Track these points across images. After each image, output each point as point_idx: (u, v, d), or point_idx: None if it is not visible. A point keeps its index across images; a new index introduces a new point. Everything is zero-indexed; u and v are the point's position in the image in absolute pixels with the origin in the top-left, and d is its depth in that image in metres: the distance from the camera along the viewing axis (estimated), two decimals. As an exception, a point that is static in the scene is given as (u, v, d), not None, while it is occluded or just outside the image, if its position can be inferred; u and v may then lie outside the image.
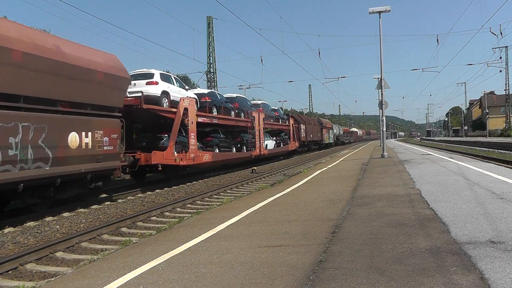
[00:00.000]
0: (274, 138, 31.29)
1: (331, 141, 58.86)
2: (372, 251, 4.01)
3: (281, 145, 32.44)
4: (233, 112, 22.42)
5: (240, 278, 3.61)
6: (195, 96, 18.19)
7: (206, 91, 21.41)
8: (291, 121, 34.93)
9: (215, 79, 39.50)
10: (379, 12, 19.16)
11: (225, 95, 24.41)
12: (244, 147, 23.71)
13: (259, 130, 25.52)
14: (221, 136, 21.01)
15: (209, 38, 38.91)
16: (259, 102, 30.22)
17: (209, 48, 39.21)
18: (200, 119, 17.75)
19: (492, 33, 35.48)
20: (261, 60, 41.14)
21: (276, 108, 35.22)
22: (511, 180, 8.27)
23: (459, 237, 4.24)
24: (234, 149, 22.25)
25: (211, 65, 39.43)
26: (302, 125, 38.91)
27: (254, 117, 24.86)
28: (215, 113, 20.05)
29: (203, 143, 18.95)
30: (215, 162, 19.58)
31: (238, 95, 25.79)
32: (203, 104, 19.10)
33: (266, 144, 27.97)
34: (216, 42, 48.87)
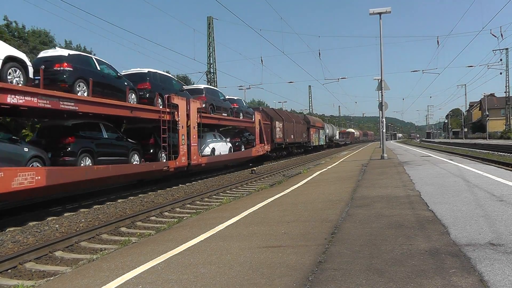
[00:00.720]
0: (228, 140, 22.72)
1: (322, 143, 50.89)
2: (371, 252, 4.01)
3: (242, 149, 24.19)
4: (133, 96, 13.70)
5: (239, 279, 3.61)
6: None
7: (65, 52, 11.53)
8: (258, 117, 25.84)
9: (215, 79, 39.53)
10: (380, 13, 19.18)
11: (131, 71, 15.08)
12: (163, 154, 15.06)
13: (190, 126, 16.56)
14: (103, 135, 12.51)
15: (209, 38, 38.94)
16: (202, 86, 20.67)
17: (209, 49, 39.25)
18: (10, 99, 8.96)
19: (492, 35, 35.43)
20: (261, 60, 40.97)
21: (235, 98, 25.91)
22: (511, 183, 8.27)
23: (458, 239, 4.24)
24: (136, 157, 13.76)
25: (211, 65, 39.47)
26: (277, 122, 31.01)
27: (176, 105, 15.47)
28: (83, 93, 11.37)
29: (57, 148, 10.87)
30: (59, 187, 10.29)
31: (151, 70, 15.52)
32: (58, 76, 10.85)
33: (213, 148, 19.98)
34: (216, 42, 48.84)
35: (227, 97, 23.94)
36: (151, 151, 14.92)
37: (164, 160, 15.07)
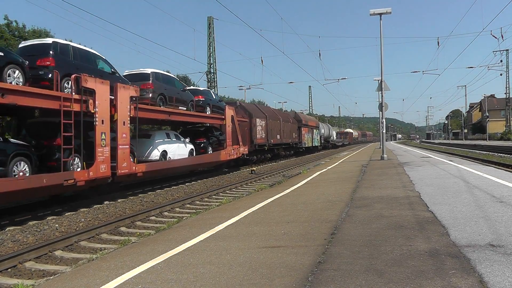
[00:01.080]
0: (188, 140, 17.66)
1: (316, 143, 46.71)
2: (371, 253, 4.01)
3: (209, 151, 19.45)
4: (17, 73, 9.33)
5: (238, 279, 3.61)
6: None
7: None
8: (230, 113, 21.25)
9: (215, 79, 39.54)
10: (380, 14, 19.19)
11: (31, 42, 11.38)
12: (77, 161, 10.72)
13: (118, 121, 11.95)
14: None
15: (209, 38, 38.96)
16: (148, 71, 15.22)
17: (210, 49, 39.27)
18: None
19: (493, 36, 35.44)
20: (262, 61, 40.96)
21: (200, 88, 21.39)
22: (511, 184, 8.27)
23: (458, 240, 4.24)
24: (24, 167, 9.16)
25: (212, 65, 39.48)
26: (258, 120, 26.40)
27: (92, 91, 10.98)
28: None
29: None
30: None
31: (58, 40, 11.24)
32: None
33: (164, 151, 15.51)
34: (217, 42, 48.87)
35: (191, 87, 20.23)
36: (57, 156, 10.29)
37: (79, 169, 10.61)
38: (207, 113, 19.53)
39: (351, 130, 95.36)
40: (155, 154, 15.13)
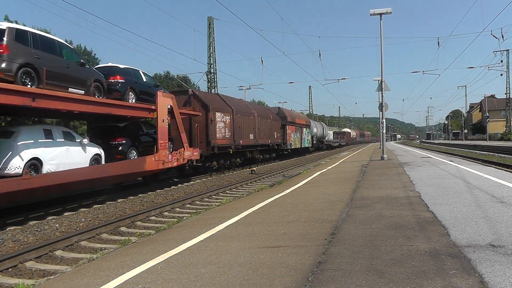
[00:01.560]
0: (85, 141, 11.38)
1: (307, 144, 40.86)
2: (371, 253, 4.01)
3: (132, 156, 13.40)
4: None
5: (239, 279, 3.61)
6: None
7: None
8: (165, 102, 14.48)
9: (215, 79, 39.54)
10: (380, 14, 19.21)
11: None
12: None
13: None
14: None
15: (209, 38, 38.96)
16: (4, 26, 8.83)
17: (210, 49, 39.26)
18: None
19: (493, 36, 35.34)
20: (262, 61, 40.88)
21: (120, 66, 13.74)
22: (511, 184, 8.27)
23: (458, 240, 4.24)
24: None
25: (212, 65, 39.47)
26: (219, 114, 20.25)
27: None
28: None
29: None
30: None
31: None
32: None
33: (34, 159, 9.38)
34: (217, 42, 48.82)
35: (108, 64, 13.74)
36: None
37: None
38: (130, 100, 13.23)
39: (348, 130, 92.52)
40: (16, 165, 8.97)
